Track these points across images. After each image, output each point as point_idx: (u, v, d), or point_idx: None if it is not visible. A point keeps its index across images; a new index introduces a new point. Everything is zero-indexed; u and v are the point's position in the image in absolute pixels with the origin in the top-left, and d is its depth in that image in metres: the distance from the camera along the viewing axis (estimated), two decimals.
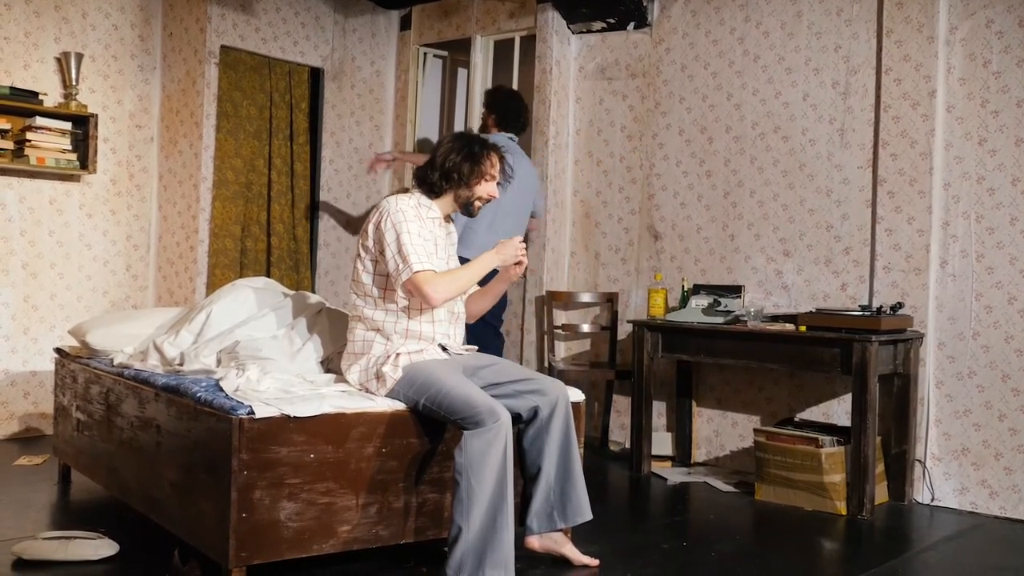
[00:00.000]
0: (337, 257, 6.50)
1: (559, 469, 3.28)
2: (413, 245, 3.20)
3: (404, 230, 3.22)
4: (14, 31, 5.31)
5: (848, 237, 4.81)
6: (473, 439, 2.96)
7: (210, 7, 5.67)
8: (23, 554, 3.19)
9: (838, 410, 4.79)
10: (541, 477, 3.27)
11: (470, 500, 2.93)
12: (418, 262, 3.18)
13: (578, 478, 3.30)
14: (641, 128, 5.64)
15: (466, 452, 2.96)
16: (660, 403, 5.40)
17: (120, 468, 3.66)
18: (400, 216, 3.25)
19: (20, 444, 5.13)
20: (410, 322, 3.30)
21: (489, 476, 2.94)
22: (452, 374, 3.14)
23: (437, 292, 3.19)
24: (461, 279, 3.28)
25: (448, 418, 3.08)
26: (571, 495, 3.29)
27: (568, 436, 3.28)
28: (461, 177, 3.36)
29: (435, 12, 6.52)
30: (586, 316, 5.84)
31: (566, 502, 3.29)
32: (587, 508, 3.32)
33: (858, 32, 4.82)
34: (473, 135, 3.49)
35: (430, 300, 3.19)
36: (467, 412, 3.00)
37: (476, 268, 3.32)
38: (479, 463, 2.93)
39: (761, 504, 4.42)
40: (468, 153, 3.37)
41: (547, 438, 3.26)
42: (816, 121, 4.94)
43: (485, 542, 2.93)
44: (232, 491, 2.82)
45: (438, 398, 3.07)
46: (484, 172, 3.38)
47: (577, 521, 3.30)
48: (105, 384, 3.79)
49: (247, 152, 6.00)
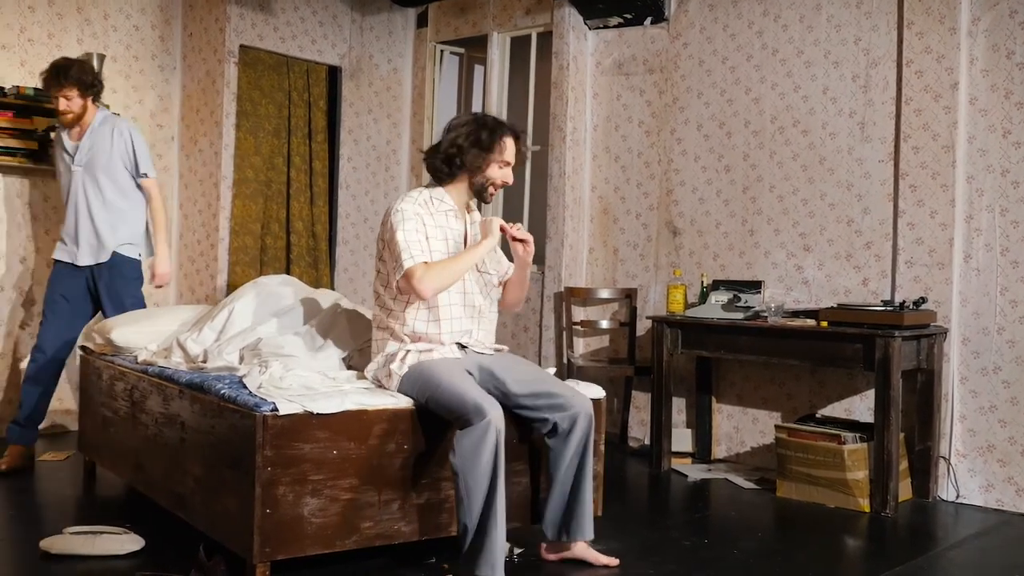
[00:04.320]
0: (356, 254, 6.52)
1: (568, 486, 3.25)
2: (407, 242, 3.16)
3: (400, 228, 3.19)
4: (38, 33, 5.35)
5: (870, 231, 4.79)
6: (463, 438, 2.96)
7: (229, 7, 5.69)
8: (51, 548, 3.22)
9: (860, 406, 4.77)
10: (555, 487, 3.27)
11: (469, 498, 2.94)
12: (408, 258, 3.15)
13: (585, 496, 3.26)
14: (659, 123, 5.63)
15: (458, 451, 2.96)
16: (679, 399, 5.39)
17: (145, 464, 3.69)
18: (399, 216, 3.22)
19: (45, 440, 5.17)
20: (416, 323, 3.27)
21: (483, 473, 2.93)
22: (450, 373, 3.11)
23: (423, 284, 3.13)
24: (451, 268, 3.19)
25: (447, 417, 3.08)
26: (575, 512, 3.26)
27: (583, 453, 3.24)
28: (465, 162, 3.28)
29: (452, 9, 6.52)
30: (605, 312, 5.84)
31: (571, 519, 3.27)
32: (589, 528, 3.28)
33: (878, 24, 4.79)
34: (487, 117, 3.33)
35: (419, 293, 3.15)
36: (458, 411, 2.99)
37: (467, 256, 3.24)
38: (472, 461, 2.93)
39: (782, 501, 4.41)
40: (475, 138, 3.26)
41: (564, 452, 3.23)
42: (836, 115, 4.92)
43: (479, 539, 2.94)
44: (256, 487, 2.83)
45: (435, 396, 3.07)
46: (493, 159, 3.28)
47: (578, 540, 3.28)
48: (129, 381, 3.81)
49: (266, 150, 6.03)
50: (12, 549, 3.36)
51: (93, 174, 4.62)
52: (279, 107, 6.09)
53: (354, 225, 6.51)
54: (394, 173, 6.70)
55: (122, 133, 4.67)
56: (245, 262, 5.88)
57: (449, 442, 3.17)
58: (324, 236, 6.34)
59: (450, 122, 3.39)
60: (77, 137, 4.65)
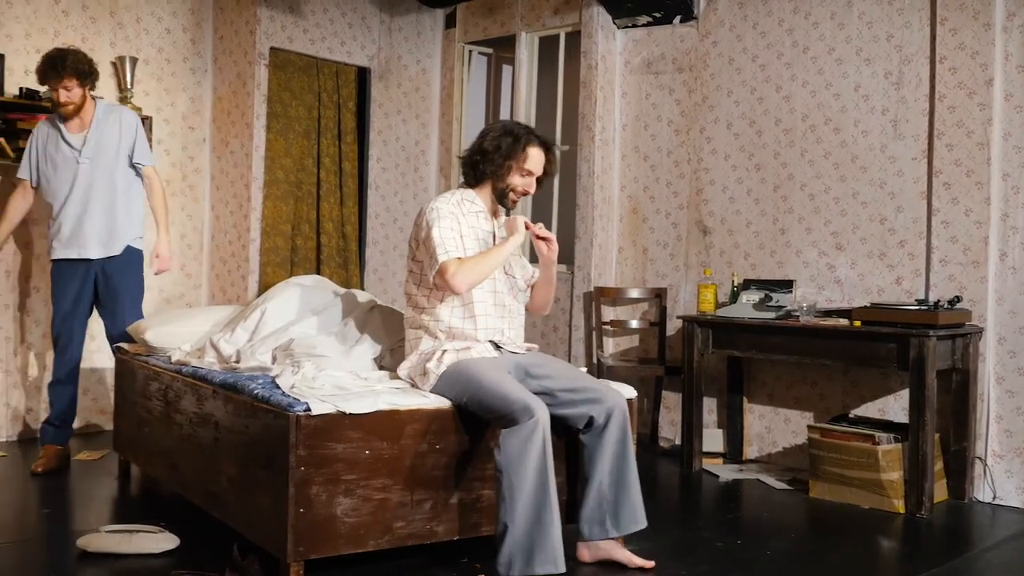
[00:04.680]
0: (385, 255, 6.54)
1: (613, 478, 3.24)
2: (443, 238, 3.21)
3: (436, 225, 3.23)
4: (72, 37, 5.41)
5: (903, 230, 4.74)
6: (510, 437, 2.96)
7: (259, 9, 5.73)
8: (87, 547, 3.25)
9: (894, 406, 4.72)
10: (592, 484, 3.25)
11: (512, 498, 2.94)
12: (443, 253, 3.18)
13: (633, 486, 3.26)
14: (688, 122, 5.60)
15: (504, 450, 2.96)
16: (710, 399, 5.36)
17: (179, 463, 3.72)
18: (434, 214, 3.27)
19: (81, 439, 5.23)
20: (452, 320, 3.30)
21: (529, 473, 2.93)
22: (492, 372, 3.12)
23: (456, 279, 3.16)
24: (482, 264, 3.23)
25: (487, 416, 3.09)
26: (625, 503, 3.25)
27: (624, 445, 3.24)
28: (488, 168, 3.33)
29: (480, 9, 6.53)
30: (634, 312, 5.82)
31: (620, 511, 3.25)
32: (642, 517, 3.28)
33: (911, 21, 4.74)
34: (517, 126, 3.39)
35: (453, 288, 3.18)
36: (503, 410, 3.00)
37: (497, 251, 3.28)
38: (517, 461, 2.93)
39: (815, 502, 4.37)
40: (499, 145, 3.32)
41: (601, 446, 3.23)
42: (868, 112, 4.88)
43: (532, 538, 2.94)
44: (290, 487, 2.85)
45: (477, 396, 3.07)
46: (515, 166, 3.33)
47: (631, 530, 3.27)
48: (164, 381, 3.85)
49: (296, 151, 6.06)
50: (50, 547, 3.40)
51: (103, 167, 4.59)
52: (309, 109, 6.12)
53: (383, 226, 6.53)
54: (423, 174, 6.71)
55: (128, 123, 4.66)
56: (276, 263, 5.92)
57: (482, 442, 3.18)
58: (354, 237, 6.36)
59: (484, 128, 3.45)
60: (78, 129, 4.58)
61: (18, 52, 5.22)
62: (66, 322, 4.62)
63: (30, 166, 4.65)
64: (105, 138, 4.60)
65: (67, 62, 4.44)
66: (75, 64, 4.45)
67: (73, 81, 4.46)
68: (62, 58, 4.45)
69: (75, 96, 4.49)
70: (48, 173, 4.61)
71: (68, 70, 4.43)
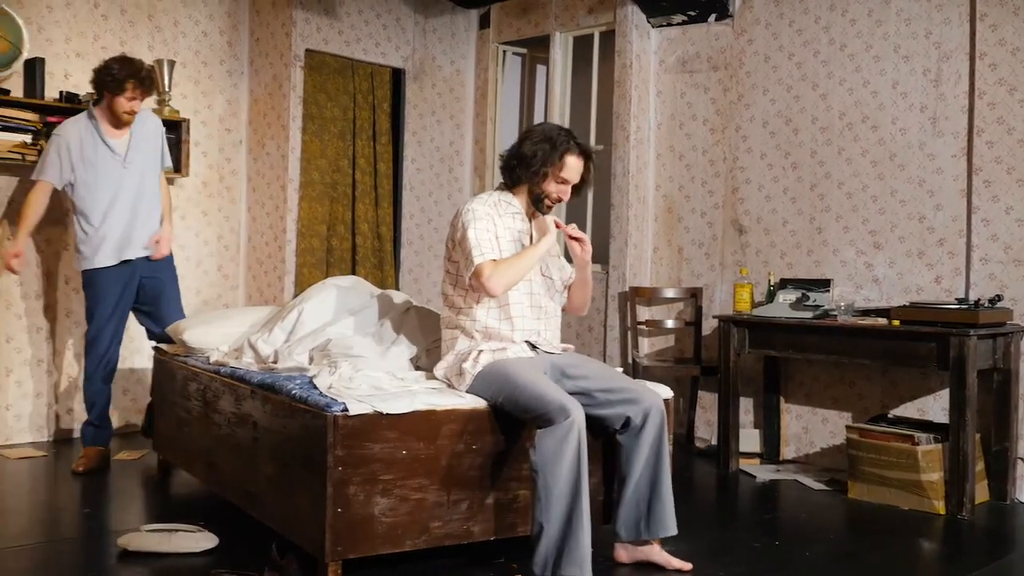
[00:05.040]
0: (420, 255, 6.56)
1: (648, 480, 3.23)
2: (478, 240, 3.22)
3: (471, 227, 3.24)
4: (110, 41, 5.48)
5: (942, 228, 4.69)
6: (545, 437, 2.96)
7: (295, 12, 5.77)
8: (128, 546, 3.29)
9: (934, 406, 4.67)
10: (629, 485, 3.24)
11: (548, 498, 2.94)
12: (479, 255, 3.19)
13: (665, 491, 3.24)
14: (724, 121, 5.57)
15: (539, 450, 2.96)
16: (747, 399, 5.33)
17: (218, 463, 3.75)
18: (470, 215, 3.28)
19: (120, 439, 5.30)
20: (488, 320, 3.31)
21: (564, 474, 2.93)
22: (528, 372, 3.12)
23: (492, 282, 3.17)
24: (517, 265, 3.23)
25: (523, 416, 3.09)
26: (656, 508, 3.23)
27: (659, 448, 3.22)
28: (525, 173, 3.33)
29: (514, 10, 6.53)
30: (670, 312, 5.80)
31: (652, 515, 3.24)
32: (672, 523, 3.25)
33: (950, 17, 4.69)
34: (558, 133, 3.35)
35: (489, 290, 3.18)
36: (539, 410, 3.00)
37: (531, 252, 3.28)
38: (553, 461, 2.93)
39: (854, 503, 4.33)
40: (536, 152, 3.31)
41: (637, 447, 3.21)
42: (907, 110, 4.82)
43: (564, 540, 2.93)
44: (328, 486, 2.86)
45: (513, 396, 3.07)
46: (551, 173, 3.32)
47: (660, 535, 3.25)
48: (202, 381, 3.89)
49: (332, 153, 6.10)
50: (91, 546, 3.45)
51: (145, 171, 4.69)
52: (344, 110, 6.16)
53: (418, 226, 6.55)
54: (457, 174, 6.73)
55: (159, 127, 4.82)
56: (312, 264, 5.95)
57: (518, 442, 3.18)
58: (389, 237, 6.39)
59: (526, 129, 3.44)
60: (117, 133, 4.62)
61: (58, 56, 5.29)
62: (108, 324, 4.67)
63: (60, 169, 4.55)
64: (145, 142, 4.69)
65: (151, 78, 4.63)
66: (153, 81, 4.68)
67: (145, 97, 4.61)
68: (151, 77, 4.64)
69: (138, 108, 4.60)
70: (87, 178, 4.57)
71: (147, 85, 4.57)
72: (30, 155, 4.99)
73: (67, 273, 5.37)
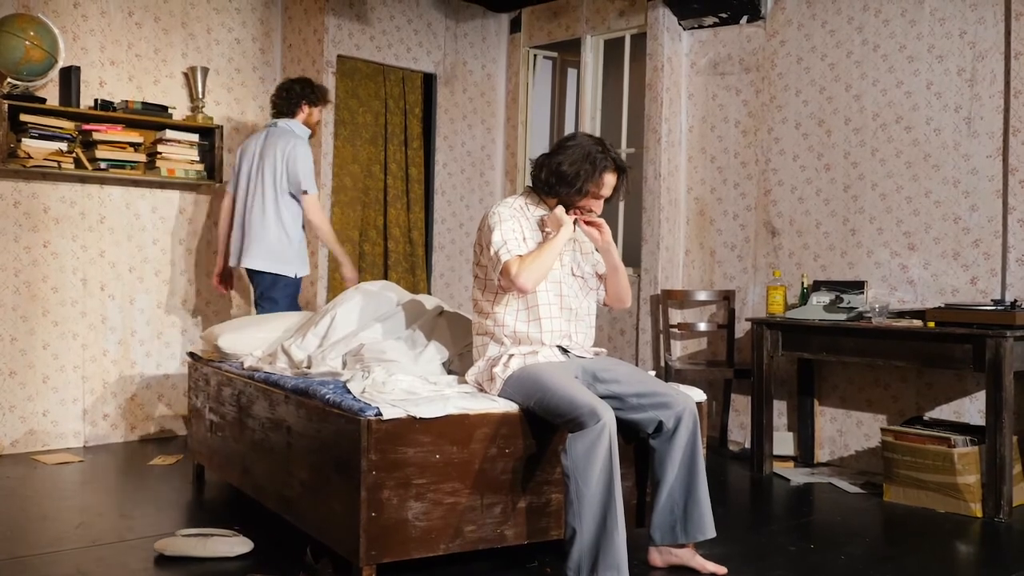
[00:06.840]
0: (452, 260, 6.58)
1: (682, 483, 3.22)
2: (504, 239, 3.24)
3: (498, 228, 3.28)
4: (144, 48, 5.55)
5: (978, 229, 4.64)
6: (576, 441, 2.96)
7: (327, 18, 5.81)
8: (164, 550, 3.33)
9: (970, 408, 4.62)
10: (663, 489, 3.23)
11: (580, 502, 2.94)
12: (506, 252, 3.22)
13: (702, 494, 3.23)
14: (756, 123, 5.54)
15: (571, 454, 2.96)
16: (780, 402, 5.30)
17: (252, 468, 3.79)
18: (495, 218, 3.32)
19: (155, 444, 5.36)
20: (516, 324, 3.32)
21: (596, 477, 2.92)
22: (559, 376, 3.12)
23: (521, 278, 3.19)
24: (541, 259, 3.24)
25: (554, 420, 3.09)
26: (693, 512, 3.22)
27: (693, 450, 3.21)
28: (567, 191, 3.33)
29: (545, 13, 6.54)
30: (702, 314, 5.77)
31: (688, 518, 3.23)
32: (710, 526, 3.24)
33: (984, 16, 4.64)
34: (596, 147, 3.34)
35: (519, 287, 3.20)
36: (570, 414, 3.00)
37: (550, 245, 3.28)
38: (584, 465, 2.93)
39: (890, 505, 4.29)
40: (578, 172, 3.30)
41: (671, 451, 3.20)
42: (941, 110, 4.78)
43: (598, 543, 2.93)
44: (362, 491, 2.88)
45: (543, 400, 3.08)
46: (588, 189, 3.32)
47: (698, 538, 3.24)
48: (236, 386, 3.92)
49: (364, 158, 6.13)
50: (128, 551, 3.48)
51: None
52: (376, 115, 6.19)
53: (450, 231, 6.57)
54: (489, 179, 6.74)
55: None
56: None
57: (551, 446, 3.18)
58: (420, 242, 6.41)
59: (562, 140, 3.42)
60: None
61: (93, 64, 5.36)
62: None
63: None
64: None
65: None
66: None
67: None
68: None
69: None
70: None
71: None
72: (66, 163, 5.05)
73: (102, 280, 5.44)
